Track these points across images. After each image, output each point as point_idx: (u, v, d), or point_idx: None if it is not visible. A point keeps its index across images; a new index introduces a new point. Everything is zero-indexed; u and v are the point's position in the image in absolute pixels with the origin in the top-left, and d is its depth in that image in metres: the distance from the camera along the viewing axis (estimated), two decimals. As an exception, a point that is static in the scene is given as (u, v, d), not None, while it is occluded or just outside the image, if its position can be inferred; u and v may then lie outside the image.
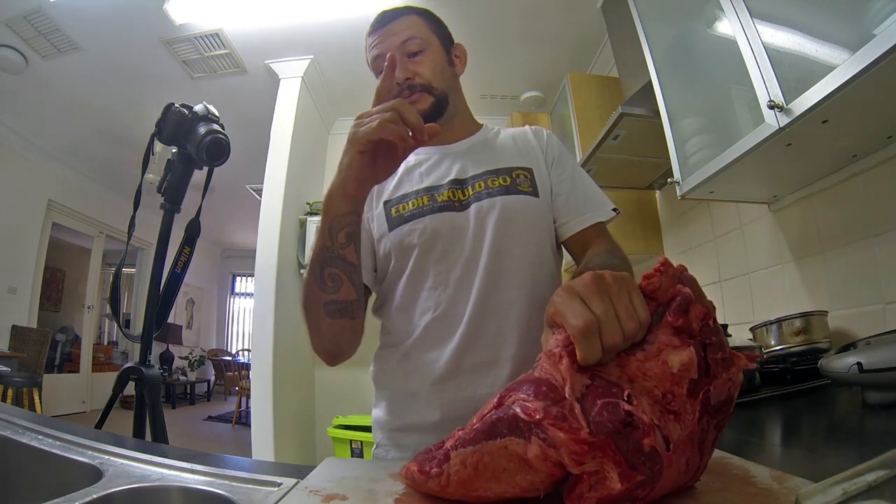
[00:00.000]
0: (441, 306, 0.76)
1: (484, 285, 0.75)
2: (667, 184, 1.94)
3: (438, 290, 0.76)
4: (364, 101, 0.61)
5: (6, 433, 0.58)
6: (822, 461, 0.57)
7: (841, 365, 0.72)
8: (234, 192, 4.96)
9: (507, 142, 0.89)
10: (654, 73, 1.47)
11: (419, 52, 0.81)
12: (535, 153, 0.87)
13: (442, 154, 0.86)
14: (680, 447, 0.33)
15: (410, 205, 0.80)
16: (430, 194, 0.80)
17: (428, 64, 0.81)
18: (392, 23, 0.82)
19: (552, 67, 2.77)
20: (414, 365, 0.77)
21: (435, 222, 0.77)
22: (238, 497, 0.43)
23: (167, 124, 1.18)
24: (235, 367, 6.01)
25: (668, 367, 0.33)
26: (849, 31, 0.82)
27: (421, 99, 0.80)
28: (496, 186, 0.80)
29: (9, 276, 4.13)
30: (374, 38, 0.82)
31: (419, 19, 0.84)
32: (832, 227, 1.22)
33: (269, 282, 2.54)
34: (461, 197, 0.80)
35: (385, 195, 0.84)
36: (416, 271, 0.78)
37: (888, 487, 0.26)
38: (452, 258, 0.77)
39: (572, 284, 0.37)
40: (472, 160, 0.84)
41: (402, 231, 0.78)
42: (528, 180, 0.82)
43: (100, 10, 2.44)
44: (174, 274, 1.30)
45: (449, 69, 0.85)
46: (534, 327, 0.76)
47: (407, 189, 0.82)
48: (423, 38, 0.82)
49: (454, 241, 0.77)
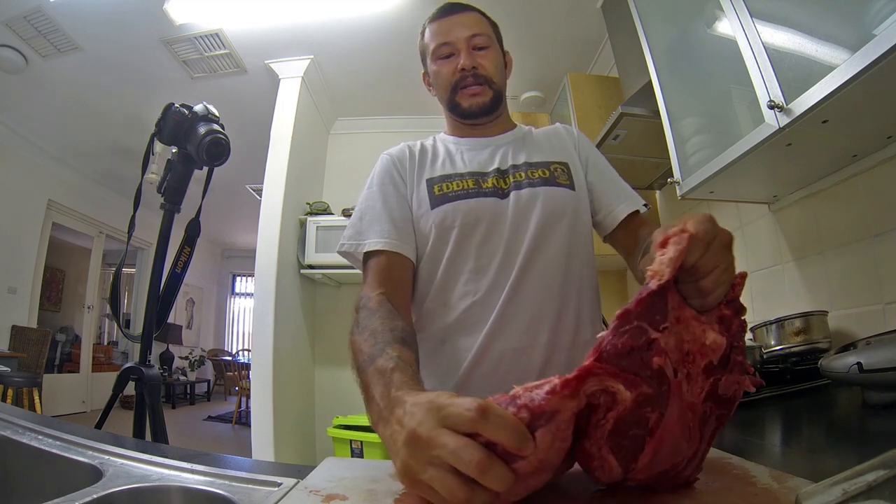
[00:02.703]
0: (480, 291, 0.76)
1: (520, 273, 0.76)
2: (667, 184, 1.94)
3: (479, 274, 0.77)
4: (364, 101, 0.60)
5: (6, 433, 0.58)
6: (822, 461, 0.57)
7: (841, 365, 0.72)
8: (234, 192, 4.96)
9: (541, 138, 0.92)
10: (654, 73, 1.47)
11: (485, 48, 0.85)
12: (568, 149, 0.90)
13: (484, 144, 0.89)
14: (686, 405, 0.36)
15: (455, 185, 0.81)
16: (476, 179, 0.82)
17: (492, 60, 0.85)
18: (460, 14, 0.85)
19: (552, 67, 2.77)
20: (450, 349, 0.77)
21: (479, 206, 0.79)
22: (238, 497, 0.43)
23: (167, 124, 1.18)
24: (235, 367, 6.00)
25: (704, 336, 0.38)
26: (849, 31, 0.82)
27: (483, 91, 0.84)
28: (536, 178, 0.82)
29: (9, 276, 4.13)
30: (439, 26, 0.85)
31: (483, 18, 0.88)
32: (832, 227, 1.22)
33: (269, 282, 2.54)
34: (503, 186, 0.82)
35: (426, 172, 0.85)
36: (457, 254, 0.78)
37: (888, 487, 0.26)
38: (494, 244, 0.78)
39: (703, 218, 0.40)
40: (513, 152, 0.87)
41: (444, 210, 0.79)
42: (565, 174, 0.85)
43: (100, 10, 2.44)
44: (174, 274, 1.30)
45: (504, 71, 0.90)
46: (565, 317, 0.78)
47: (450, 170, 0.85)
48: (488, 36, 0.86)
49: (495, 227, 0.78)
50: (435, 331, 0.79)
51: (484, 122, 0.88)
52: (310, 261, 2.80)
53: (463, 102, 0.85)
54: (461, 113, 0.86)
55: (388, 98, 3.14)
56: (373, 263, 0.76)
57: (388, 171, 0.85)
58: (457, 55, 0.83)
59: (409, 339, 0.59)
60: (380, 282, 0.73)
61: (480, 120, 0.87)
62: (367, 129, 3.34)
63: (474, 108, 0.85)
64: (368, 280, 0.75)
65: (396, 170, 0.86)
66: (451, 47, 0.84)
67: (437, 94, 0.90)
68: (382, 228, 0.77)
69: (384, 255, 0.76)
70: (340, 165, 3.34)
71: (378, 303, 0.66)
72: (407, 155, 0.88)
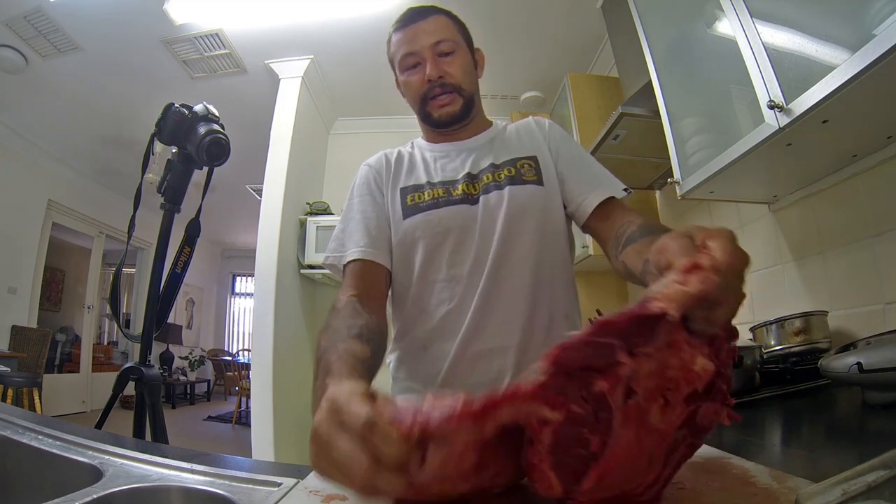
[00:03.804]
0: (455, 298, 0.78)
1: (490, 276, 0.77)
2: (667, 184, 1.94)
3: (453, 282, 0.79)
4: (364, 101, 0.60)
5: (6, 433, 0.58)
6: (822, 461, 0.57)
7: (841, 365, 0.73)
8: (234, 192, 4.96)
9: (512, 135, 0.91)
10: (654, 73, 1.47)
11: (450, 54, 0.83)
12: (538, 142, 0.89)
13: (457, 149, 0.89)
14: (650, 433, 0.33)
15: (426, 195, 0.82)
16: (446, 188, 0.83)
17: (459, 66, 0.84)
18: (422, 20, 0.83)
19: (552, 67, 2.77)
20: (431, 354, 0.80)
21: (448, 215, 0.80)
22: (238, 497, 0.43)
23: (167, 124, 1.18)
24: (235, 367, 6.01)
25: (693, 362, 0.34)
26: (849, 31, 0.82)
27: (453, 100, 0.84)
28: (502, 178, 0.82)
29: (9, 276, 4.13)
30: (403, 35, 0.84)
31: (448, 20, 0.86)
32: (832, 227, 1.22)
33: (269, 282, 2.54)
34: (472, 191, 0.82)
35: (402, 181, 0.86)
36: (429, 262, 0.80)
37: (888, 487, 0.26)
38: (465, 251, 0.79)
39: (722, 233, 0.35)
40: (483, 154, 0.87)
41: (415, 221, 0.80)
42: (532, 169, 0.84)
43: (100, 10, 2.44)
44: (174, 274, 1.30)
45: (474, 72, 0.88)
46: (537, 316, 0.78)
47: (422, 179, 0.85)
48: (454, 41, 0.84)
49: (465, 234, 0.79)
50: (417, 336, 0.82)
51: (457, 128, 0.88)
52: (310, 261, 2.80)
53: (433, 113, 0.85)
54: (433, 123, 0.86)
55: (388, 98, 3.10)
56: (348, 270, 0.79)
57: (367, 181, 0.88)
58: (423, 64, 0.82)
59: (367, 334, 0.59)
60: (353, 285, 0.76)
61: (453, 127, 0.88)
62: (367, 129, 3.33)
63: (444, 117, 0.85)
64: (343, 285, 0.78)
65: (374, 180, 0.88)
66: (416, 57, 0.82)
67: (409, 103, 0.90)
68: (359, 239, 0.81)
69: (359, 263, 0.79)
70: (340, 165, 3.34)
71: (345, 304, 0.69)
72: (384, 164, 0.89)
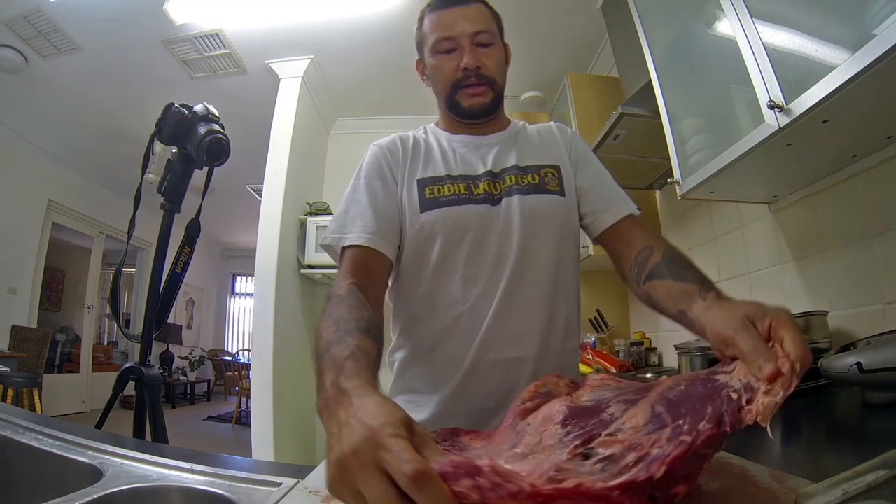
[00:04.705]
0: (470, 300, 0.76)
1: (510, 283, 0.75)
2: (667, 184, 1.94)
3: (469, 283, 0.76)
4: (364, 101, 0.60)
5: (6, 433, 0.58)
6: (822, 461, 0.57)
7: (841, 365, 0.73)
8: (234, 192, 4.96)
9: (534, 137, 0.90)
10: (654, 73, 1.47)
11: (488, 46, 0.81)
12: (560, 150, 0.88)
13: (477, 143, 0.86)
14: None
15: (446, 189, 0.79)
16: (467, 183, 0.80)
17: (496, 59, 0.81)
18: (463, 5, 0.80)
19: (552, 67, 2.77)
20: (441, 356, 0.77)
21: (469, 213, 0.77)
22: (238, 497, 0.43)
23: (167, 124, 1.18)
24: (235, 367, 6.01)
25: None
26: (849, 31, 0.82)
27: (485, 92, 0.81)
28: (525, 184, 0.80)
29: (9, 276, 4.13)
30: (441, 18, 0.81)
31: (488, 11, 0.83)
32: (832, 227, 1.22)
33: (269, 282, 2.54)
34: (494, 191, 0.80)
35: (419, 171, 0.82)
36: (445, 261, 0.77)
37: (888, 487, 0.26)
38: (483, 252, 0.77)
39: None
40: (505, 152, 0.85)
41: (434, 215, 0.77)
42: (555, 178, 0.83)
43: (100, 10, 2.44)
44: (174, 274, 1.30)
45: (505, 67, 0.86)
46: (554, 327, 0.78)
47: (441, 171, 0.81)
48: (492, 32, 0.82)
49: (485, 235, 0.77)
50: (425, 335, 0.79)
51: (482, 121, 0.86)
52: (310, 261, 2.80)
53: (463, 102, 0.82)
54: (460, 112, 0.83)
55: (388, 98, 3.14)
56: (349, 255, 0.75)
57: (378, 164, 0.82)
58: (459, 51, 0.79)
59: (374, 329, 0.56)
60: (353, 272, 0.72)
61: (479, 120, 0.85)
62: (367, 129, 3.32)
63: (475, 108, 0.82)
64: (342, 270, 0.74)
65: (387, 162, 0.83)
66: (453, 42, 0.79)
67: (432, 88, 0.86)
68: (365, 223, 0.76)
69: (362, 249, 0.74)
70: (340, 165, 3.34)
71: (348, 292, 0.64)
72: (399, 148, 0.84)
